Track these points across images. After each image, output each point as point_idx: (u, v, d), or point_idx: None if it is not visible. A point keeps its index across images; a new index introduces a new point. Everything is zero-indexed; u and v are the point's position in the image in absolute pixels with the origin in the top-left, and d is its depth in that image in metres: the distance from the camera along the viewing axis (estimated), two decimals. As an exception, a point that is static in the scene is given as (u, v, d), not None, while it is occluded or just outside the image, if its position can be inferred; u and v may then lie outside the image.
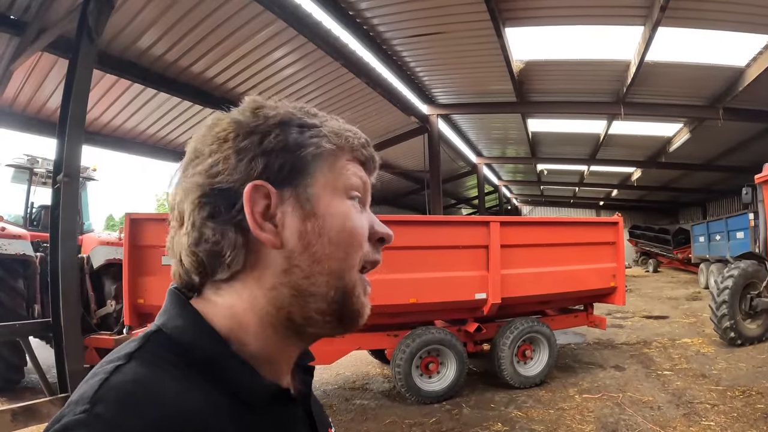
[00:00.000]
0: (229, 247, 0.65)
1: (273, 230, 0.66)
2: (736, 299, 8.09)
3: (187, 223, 0.67)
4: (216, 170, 0.66)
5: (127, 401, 0.52)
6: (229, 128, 0.68)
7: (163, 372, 0.58)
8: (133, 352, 0.60)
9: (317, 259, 0.67)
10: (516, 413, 5.69)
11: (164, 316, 0.67)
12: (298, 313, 0.67)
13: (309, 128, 0.70)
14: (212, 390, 0.60)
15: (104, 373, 0.56)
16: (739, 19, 7.28)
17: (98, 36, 4.00)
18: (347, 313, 0.70)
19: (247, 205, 0.64)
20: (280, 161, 0.67)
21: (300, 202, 0.67)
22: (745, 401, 5.65)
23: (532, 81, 10.95)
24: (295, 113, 0.71)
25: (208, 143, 0.69)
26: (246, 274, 0.66)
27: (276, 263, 0.66)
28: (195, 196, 0.66)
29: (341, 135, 0.72)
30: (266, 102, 0.72)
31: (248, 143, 0.66)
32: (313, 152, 0.69)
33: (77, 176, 4.03)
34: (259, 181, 0.65)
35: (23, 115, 9.43)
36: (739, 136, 14.01)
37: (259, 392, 0.64)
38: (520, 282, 6.55)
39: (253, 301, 0.66)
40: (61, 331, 3.86)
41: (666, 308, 13.21)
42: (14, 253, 6.69)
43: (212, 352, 0.63)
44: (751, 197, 9.91)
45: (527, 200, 36.08)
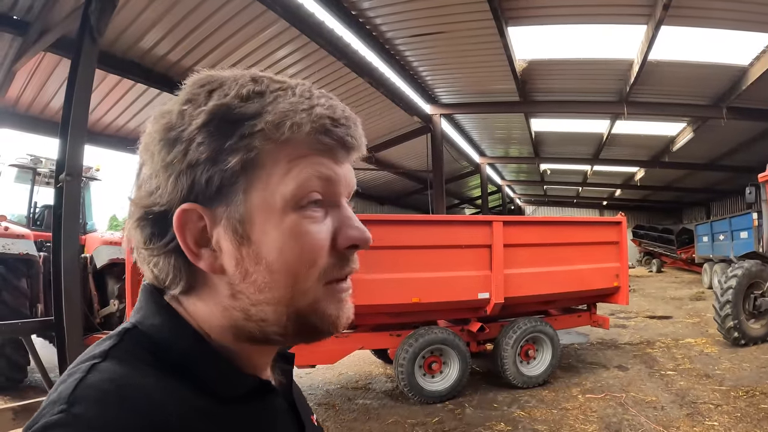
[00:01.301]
0: (170, 272, 0.62)
1: (212, 255, 0.60)
2: (740, 299, 8.06)
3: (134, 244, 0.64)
4: (148, 189, 0.61)
5: (105, 400, 0.51)
6: (156, 135, 0.60)
7: (141, 370, 0.56)
8: (108, 349, 0.58)
9: (259, 288, 0.60)
10: (519, 413, 5.68)
11: (139, 313, 0.64)
12: (257, 332, 0.62)
13: (241, 123, 0.58)
14: (191, 387, 0.58)
15: (81, 372, 0.54)
16: (742, 17, 7.25)
17: (100, 35, 4.01)
18: (310, 330, 0.63)
19: (178, 233, 0.59)
20: (206, 175, 0.58)
21: (233, 223, 0.59)
22: (749, 401, 5.63)
23: (535, 80, 10.94)
24: (229, 102, 0.59)
25: (142, 150, 0.63)
26: (200, 290, 0.63)
27: (222, 288, 0.61)
28: (132, 219, 0.63)
29: (287, 123, 0.58)
30: (205, 80, 0.62)
31: (173, 157, 0.58)
32: (244, 159, 0.58)
33: (79, 176, 4.04)
34: (187, 204, 0.58)
35: (26, 115, 9.45)
36: (743, 136, 13.97)
37: (239, 387, 0.62)
38: (523, 282, 6.54)
39: (212, 314, 0.63)
40: (63, 330, 3.86)
41: (669, 308, 13.19)
42: (18, 252, 6.71)
43: (188, 349, 0.61)
44: (755, 197, 9.87)
45: (530, 200, 36.06)
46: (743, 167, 16.84)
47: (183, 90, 0.63)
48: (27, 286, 6.91)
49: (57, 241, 3.90)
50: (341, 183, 0.64)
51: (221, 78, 0.62)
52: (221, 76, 0.62)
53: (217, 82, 0.61)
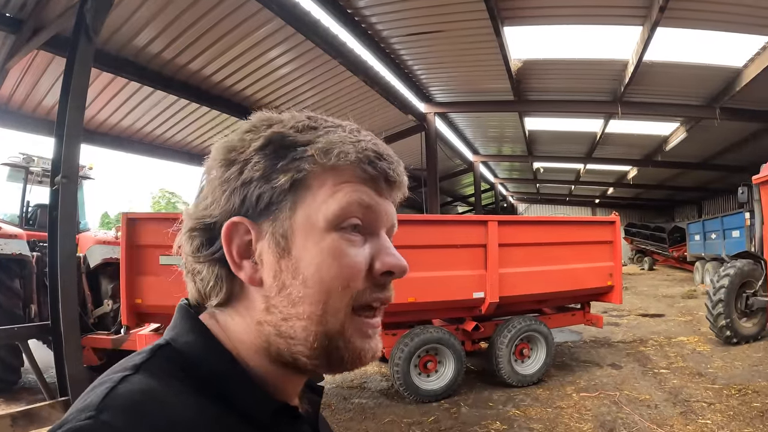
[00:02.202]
0: (214, 282, 0.65)
1: (252, 267, 0.64)
2: (732, 298, 8.13)
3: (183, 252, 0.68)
4: (205, 203, 0.66)
5: (133, 410, 0.52)
6: (218, 156, 0.66)
7: (172, 385, 0.57)
8: (141, 363, 0.59)
9: (292, 302, 0.62)
10: (514, 412, 5.70)
11: (174, 330, 0.66)
12: (286, 352, 0.64)
13: (294, 148, 0.64)
14: (220, 406, 0.59)
15: (111, 382, 0.55)
16: (737, 20, 7.29)
17: (96, 34, 3.97)
18: (336, 359, 0.64)
19: (225, 244, 0.63)
20: (258, 192, 0.63)
21: (277, 238, 0.63)
22: (741, 399, 5.68)
23: (529, 80, 10.96)
24: (285, 131, 0.65)
25: (204, 171, 0.69)
26: (237, 303, 0.66)
27: (258, 300, 0.64)
28: (186, 227, 0.67)
29: (334, 150, 0.63)
30: (267, 117, 0.68)
31: (230, 174, 0.64)
32: (293, 178, 0.63)
33: (76, 177, 4.00)
34: (237, 218, 0.63)
35: (19, 114, 9.37)
36: (736, 136, 14.07)
37: (266, 410, 0.63)
38: (517, 281, 6.57)
39: (246, 330, 0.65)
40: (60, 334, 3.83)
41: (662, 306, 13.28)
42: (10, 252, 6.65)
43: (220, 369, 0.62)
44: (747, 196, 9.94)
45: (523, 198, 36.14)
46: (735, 167, 16.99)
47: (247, 122, 0.69)
48: (20, 286, 6.86)
49: (53, 243, 3.87)
50: (381, 213, 0.67)
51: (281, 116, 0.69)
52: (281, 116, 0.69)
53: (277, 118, 0.68)
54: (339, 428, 5.40)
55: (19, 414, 3.38)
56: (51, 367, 4.70)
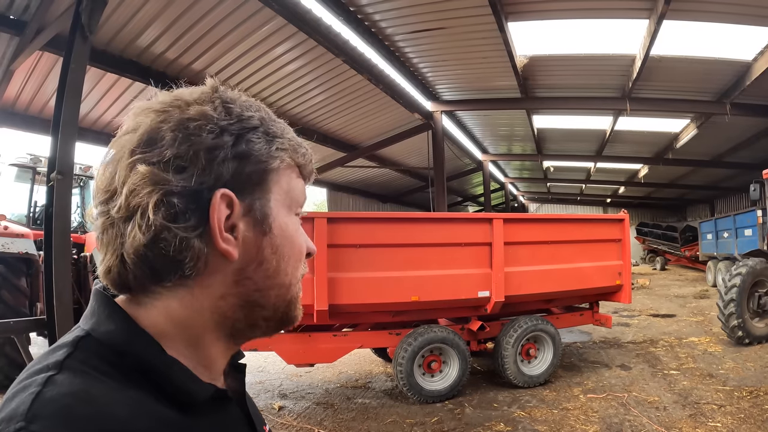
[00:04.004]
0: (190, 255, 0.62)
1: (233, 242, 0.64)
2: (744, 297, 7.98)
3: (140, 219, 0.60)
4: (181, 165, 0.61)
5: (66, 416, 0.49)
6: (200, 120, 0.63)
7: (99, 382, 0.54)
8: (63, 360, 0.56)
9: (270, 275, 0.68)
10: (519, 413, 5.63)
11: (92, 320, 0.63)
12: (243, 321, 0.68)
13: (275, 138, 0.69)
14: (149, 397, 0.57)
15: (36, 386, 0.52)
16: (745, 11, 7.15)
17: (91, 33, 3.96)
18: (287, 318, 0.73)
19: (214, 215, 0.62)
20: (249, 170, 0.65)
21: (259, 216, 0.67)
22: (753, 402, 5.56)
23: (536, 76, 10.85)
24: (265, 118, 0.70)
25: (170, 128, 0.62)
26: (194, 281, 0.64)
27: (228, 273, 0.65)
28: (156, 190, 0.60)
29: (298, 150, 0.73)
30: (230, 93, 0.69)
31: (220, 143, 0.63)
32: (278, 166, 0.69)
33: (71, 174, 4.00)
34: (226, 189, 0.63)
35: (25, 115, 9.43)
36: (747, 132, 13.84)
37: (198, 395, 0.62)
38: (524, 280, 6.49)
39: (196, 307, 0.64)
40: (55, 329, 3.83)
41: (673, 306, 13.11)
42: (17, 251, 6.72)
43: (147, 357, 0.60)
44: (760, 194, 9.80)
45: (534, 198, 35.99)
46: (748, 164, 16.75)
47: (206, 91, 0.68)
48: (27, 285, 6.93)
49: (48, 239, 3.88)
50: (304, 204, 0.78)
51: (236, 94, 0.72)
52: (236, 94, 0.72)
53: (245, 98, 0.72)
54: (341, 428, 5.37)
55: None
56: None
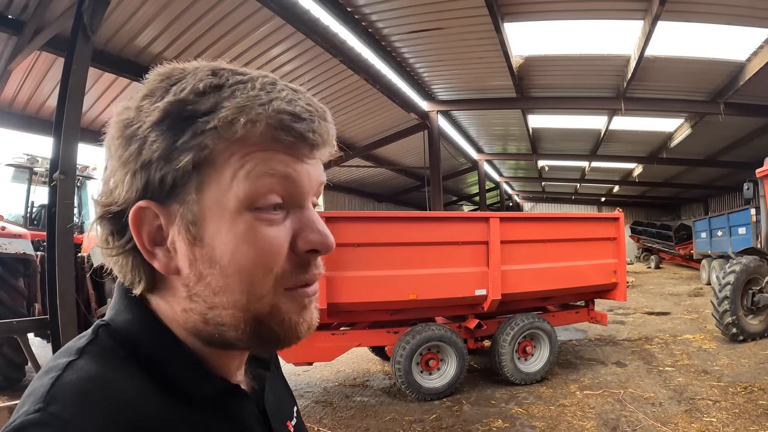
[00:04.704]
0: (128, 271, 0.61)
1: (166, 255, 0.59)
2: (738, 295, 8.06)
3: None
4: (109, 187, 0.60)
5: (82, 399, 0.51)
6: (115, 132, 0.59)
7: (116, 368, 0.56)
8: (84, 346, 0.58)
9: (213, 292, 0.58)
10: (516, 410, 5.68)
11: (113, 310, 0.64)
12: (217, 337, 0.61)
13: (194, 120, 0.56)
14: (162, 387, 0.57)
15: (56, 370, 0.54)
16: (738, 12, 7.23)
17: (93, 33, 3.99)
18: (271, 339, 0.61)
19: (134, 231, 0.58)
20: (160, 174, 0.56)
21: (185, 223, 0.58)
22: (747, 397, 5.63)
23: (531, 76, 10.91)
24: (183, 97, 0.56)
25: (105, 146, 0.62)
26: (161, 291, 0.62)
27: (179, 289, 0.60)
28: (95, 216, 0.62)
29: (240, 120, 0.56)
30: (166, 74, 0.60)
31: (129, 155, 0.57)
32: (195, 158, 0.56)
33: (73, 174, 4.03)
34: (143, 202, 0.57)
35: (23, 115, 9.42)
36: (741, 132, 13.96)
37: (207, 388, 0.61)
38: (520, 278, 6.54)
39: (175, 315, 0.62)
40: (58, 329, 3.86)
41: (668, 304, 13.19)
42: (15, 252, 6.73)
43: (159, 348, 0.60)
44: (753, 192, 9.88)
45: (529, 197, 36.05)
46: (741, 163, 16.87)
47: (145, 83, 0.61)
48: (24, 285, 6.94)
49: (51, 239, 3.90)
50: (304, 182, 0.61)
51: (183, 71, 0.60)
52: (183, 69, 0.61)
53: (177, 75, 0.60)
54: (340, 426, 5.40)
55: (16, 407, 3.39)
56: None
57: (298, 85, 0.62)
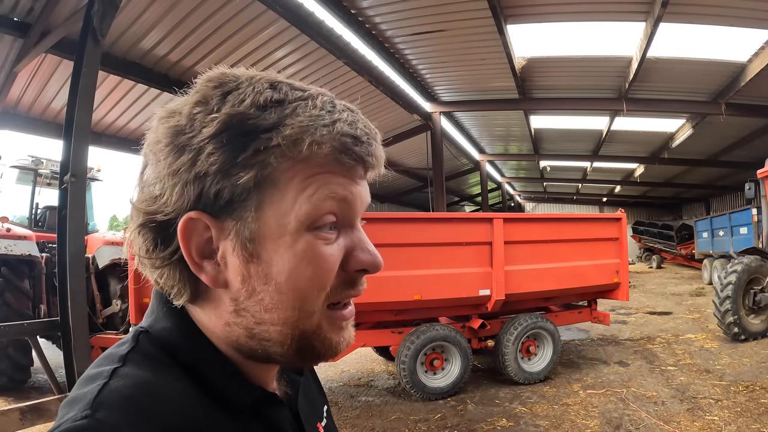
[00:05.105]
0: (172, 283, 0.59)
1: (215, 268, 0.58)
2: (740, 294, 8.08)
3: None
4: (151, 194, 0.58)
5: (128, 406, 0.51)
6: (164, 139, 0.57)
7: (160, 375, 0.56)
8: (126, 354, 0.57)
9: (265, 308, 0.57)
10: (520, 409, 5.71)
11: (151, 317, 0.63)
12: (258, 351, 0.60)
13: (256, 135, 0.54)
14: (204, 394, 0.57)
15: (103, 378, 0.53)
16: (740, 14, 7.27)
17: (103, 37, 4.03)
18: (311, 355, 0.62)
19: (182, 242, 0.56)
20: (216, 188, 0.55)
21: (241, 240, 0.56)
22: (749, 396, 5.66)
23: (534, 78, 10.95)
24: (244, 111, 0.55)
25: (147, 150, 0.60)
26: (204, 304, 0.61)
27: (226, 302, 0.59)
28: (134, 224, 0.59)
29: (309, 138, 0.55)
30: (218, 81, 0.58)
31: (180, 164, 0.55)
32: (257, 176, 0.55)
33: (84, 176, 4.07)
34: (194, 213, 0.55)
35: (27, 117, 9.47)
36: (742, 132, 13.99)
37: (247, 396, 0.61)
38: (523, 278, 6.57)
39: (216, 326, 0.61)
40: (69, 331, 3.89)
41: (670, 304, 13.20)
42: (20, 253, 6.73)
43: (198, 355, 0.60)
44: (754, 192, 9.90)
45: (531, 197, 36.05)
46: (742, 163, 16.88)
47: (194, 89, 0.59)
48: (29, 287, 6.94)
49: (62, 242, 3.93)
50: (357, 204, 0.61)
51: (236, 79, 0.59)
52: (236, 77, 0.59)
53: (232, 83, 0.58)
54: (345, 426, 5.43)
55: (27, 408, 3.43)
56: (61, 367, 4.76)
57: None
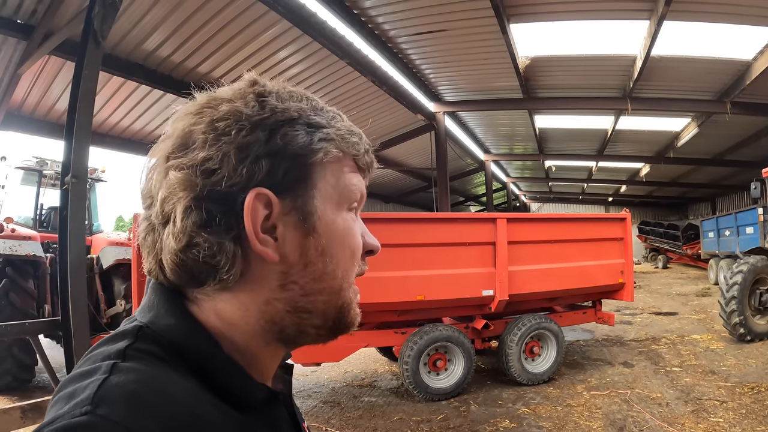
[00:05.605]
0: (225, 260, 0.59)
1: (273, 244, 0.61)
2: (746, 295, 8.03)
3: (173, 225, 0.59)
4: (211, 167, 0.58)
5: (132, 401, 0.49)
6: (231, 118, 0.60)
7: (164, 370, 0.55)
8: (124, 349, 0.56)
9: (317, 278, 0.64)
10: (524, 410, 5.69)
11: (151, 312, 0.62)
12: (292, 327, 0.65)
13: (317, 129, 0.64)
14: (210, 390, 0.57)
15: (102, 372, 0.52)
16: (744, 11, 7.21)
17: (103, 38, 4.03)
18: (342, 325, 0.69)
19: (248, 217, 0.58)
20: (285, 166, 0.61)
21: (302, 215, 0.62)
22: (755, 398, 5.62)
23: (537, 77, 10.91)
24: (305, 108, 0.65)
25: (201, 130, 0.60)
26: (238, 285, 0.61)
27: (272, 278, 0.62)
28: (185, 196, 0.59)
29: (348, 140, 0.67)
30: (269, 85, 0.66)
31: (252, 140, 0.59)
32: (321, 159, 0.63)
33: (85, 177, 4.07)
34: (262, 189, 0.59)
35: (32, 118, 9.51)
36: (748, 131, 13.90)
37: (252, 395, 0.62)
38: (527, 279, 6.55)
39: (244, 313, 0.62)
40: (70, 330, 3.90)
41: (675, 304, 13.15)
42: (24, 254, 6.78)
43: (206, 354, 0.60)
44: (761, 192, 9.86)
45: (536, 197, 35.99)
46: (748, 162, 16.79)
47: (242, 86, 0.66)
48: (34, 287, 6.99)
49: (63, 242, 3.94)
50: (363, 196, 0.72)
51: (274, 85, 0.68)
52: (274, 85, 0.68)
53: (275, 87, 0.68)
54: (348, 426, 5.43)
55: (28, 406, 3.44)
56: (64, 366, 4.78)
57: None
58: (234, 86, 0.67)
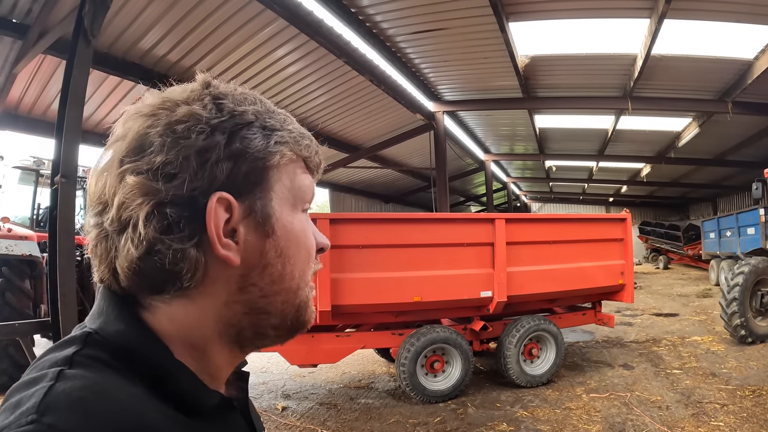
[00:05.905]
0: (188, 267, 0.59)
1: (235, 248, 0.61)
2: (747, 296, 7.98)
3: (132, 232, 0.58)
4: (171, 171, 0.57)
5: (79, 409, 0.48)
6: (189, 121, 0.60)
7: (113, 378, 0.54)
8: (72, 355, 0.55)
9: (275, 279, 0.65)
10: (522, 413, 5.63)
11: (100, 319, 0.60)
12: (250, 329, 0.65)
13: (273, 132, 0.65)
14: (159, 398, 0.56)
15: (48, 380, 0.51)
16: (746, 10, 7.16)
17: (94, 37, 3.99)
18: (299, 324, 0.70)
19: (211, 221, 0.58)
20: (245, 169, 0.61)
21: (261, 217, 0.63)
22: (756, 401, 5.56)
23: (537, 76, 10.86)
24: (261, 111, 0.65)
25: (158, 132, 0.59)
26: (195, 290, 0.61)
27: (231, 281, 0.63)
28: (145, 201, 0.57)
29: (301, 142, 0.68)
30: (222, 87, 0.66)
31: (212, 143, 0.59)
32: (278, 162, 0.64)
33: (75, 177, 4.03)
34: (222, 192, 0.59)
35: (28, 118, 9.46)
36: (749, 130, 13.83)
37: (204, 401, 0.61)
38: (526, 280, 6.50)
39: (200, 316, 0.62)
40: (59, 331, 3.86)
41: (676, 306, 13.09)
42: (21, 254, 6.76)
43: (156, 360, 0.59)
44: (762, 192, 9.79)
45: (536, 197, 35.97)
46: (750, 162, 16.74)
47: (196, 88, 0.65)
48: (30, 287, 6.96)
49: (53, 242, 3.91)
50: (314, 198, 0.74)
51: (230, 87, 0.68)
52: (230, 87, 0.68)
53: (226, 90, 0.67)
54: (344, 428, 5.38)
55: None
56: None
57: None
58: (186, 87, 0.66)
